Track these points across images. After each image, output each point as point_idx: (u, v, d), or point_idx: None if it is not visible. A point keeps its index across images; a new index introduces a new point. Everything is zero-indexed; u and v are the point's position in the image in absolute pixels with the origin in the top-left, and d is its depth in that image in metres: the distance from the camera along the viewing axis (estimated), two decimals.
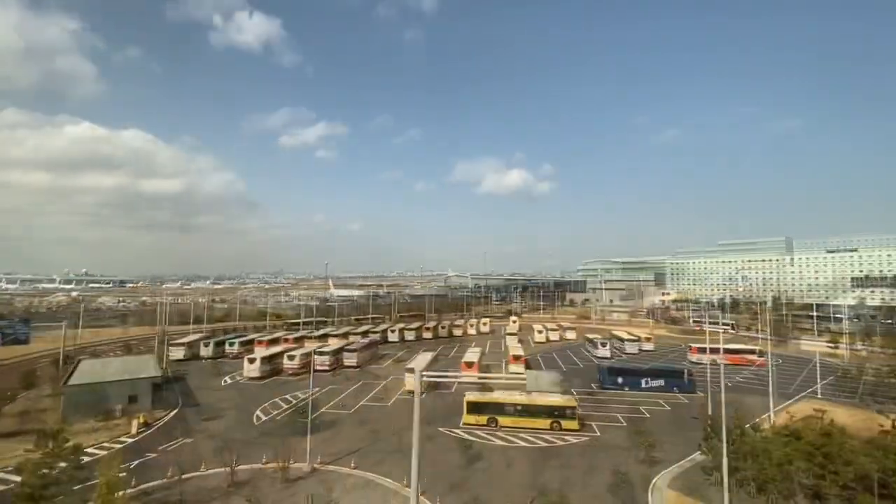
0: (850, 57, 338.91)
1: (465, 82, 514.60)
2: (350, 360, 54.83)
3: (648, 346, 70.97)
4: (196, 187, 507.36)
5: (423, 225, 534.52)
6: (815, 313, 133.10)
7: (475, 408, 34.43)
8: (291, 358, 51.15)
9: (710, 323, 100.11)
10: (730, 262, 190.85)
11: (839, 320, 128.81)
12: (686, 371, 45.43)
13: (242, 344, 61.54)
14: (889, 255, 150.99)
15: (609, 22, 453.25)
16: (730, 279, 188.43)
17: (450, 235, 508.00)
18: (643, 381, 45.62)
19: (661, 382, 45.47)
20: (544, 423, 33.41)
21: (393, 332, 77.66)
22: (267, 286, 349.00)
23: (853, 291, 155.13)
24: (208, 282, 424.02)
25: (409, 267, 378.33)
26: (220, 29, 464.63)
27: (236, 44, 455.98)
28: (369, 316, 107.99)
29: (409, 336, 79.01)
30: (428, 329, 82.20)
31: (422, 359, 49.06)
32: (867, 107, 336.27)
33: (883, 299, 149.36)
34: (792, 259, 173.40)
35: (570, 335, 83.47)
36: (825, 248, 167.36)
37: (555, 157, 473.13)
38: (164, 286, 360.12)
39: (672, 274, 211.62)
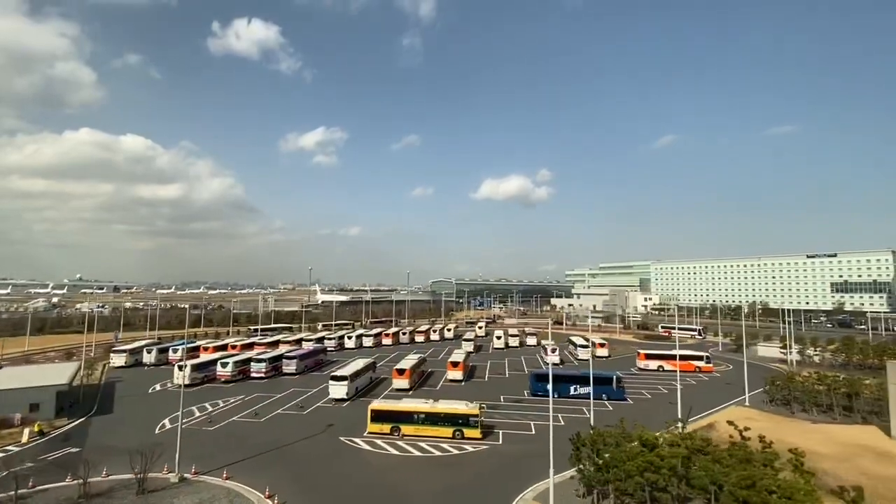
0: (845, 63, 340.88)
1: (463, 89, 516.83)
2: (289, 367, 54.25)
3: (602, 352, 70.59)
4: (195, 193, 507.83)
5: (420, 230, 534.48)
6: (789, 318, 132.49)
7: (379, 416, 33.90)
8: (224, 365, 50.54)
9: (679, 328, 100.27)
10: (714, 266, 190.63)
11: (816, 325, 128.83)
12: (615, 378, 44.89)
13: (187, 350, 60.87)
14: (868, 261, 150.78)
15: (606, 28, 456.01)
16: (713, 284, 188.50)
17: (447, 241, 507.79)
18: (572, 388, 45.13)
19: (589, 389, 44.73)
20: (447, 431, 32.91)
21: (350, 338, 77.10)
22: (263, 292, 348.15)
23: (832, 296, 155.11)
24: (202, 288, 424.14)
25: (404, 271, 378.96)
26: (219, 35, 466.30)
27: (235, 50, 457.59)
28: (335, 322, 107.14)
29: (368, 342, 78.52)
30: (388, 335, 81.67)
31: (353, 365, 48.50)
32: (863, 111, 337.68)
33: (862, 304, 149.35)
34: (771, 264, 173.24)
35: (531, 341, 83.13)
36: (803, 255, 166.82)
37: (553, 163, 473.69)
38: (157, 291, 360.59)
39: (656, 279, 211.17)
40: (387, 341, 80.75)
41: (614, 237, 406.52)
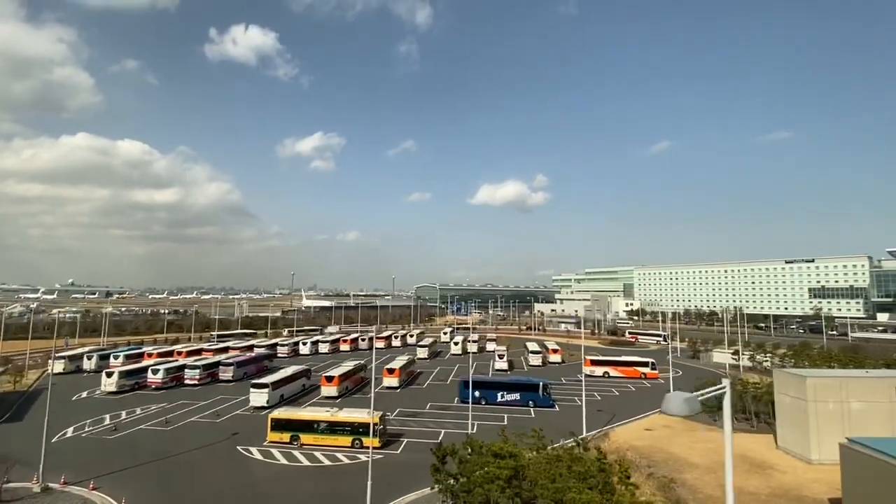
0: (840, 70, 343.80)
1: (459, 95, 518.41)
2: (226, 374, 53.66)
3: (556, 358, 70.29)
4: (192, 198, 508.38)
5: (418, 235, 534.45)
6: (764, 323, 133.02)
7: (279, 425, 33.38)
8: (155, 372, 49.95)
9: (645, 334, 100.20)
10: (695, 272, 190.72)
11: (791, 330, 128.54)
12: (541, 385, 44.45)
13: (129, 357, 60.27)
14: (845, 266, 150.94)
15: (600, 35, 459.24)
16: (695, 289, 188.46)
17: (446, 246, 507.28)
18: (499, 395, 44.73)
19: (516, 396, 44.56)
20: (346, 440, 32.43)
21: (304, 344, 76.53)
22: (257, 297, 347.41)
23: (810, 302, 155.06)
24: (195, 293, 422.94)
25: (402, 276, 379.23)
26: (217, 41, 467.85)
27: (232, 56, 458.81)
28: (298, 329, 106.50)
29: (324, 349, 77.96)
30: (346, 341, 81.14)
31: (281, 372, 48.02)
32: (849, 118, 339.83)
33: (839, 309, 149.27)
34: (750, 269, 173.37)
35: (491, 346, 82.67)
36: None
37: (549, 168, 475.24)
38: (150, 297, 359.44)
39: (639, 284, 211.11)
40: (344, 347, 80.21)
41: (612, 242, 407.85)
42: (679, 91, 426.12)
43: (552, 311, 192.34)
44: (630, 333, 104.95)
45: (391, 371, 51.36)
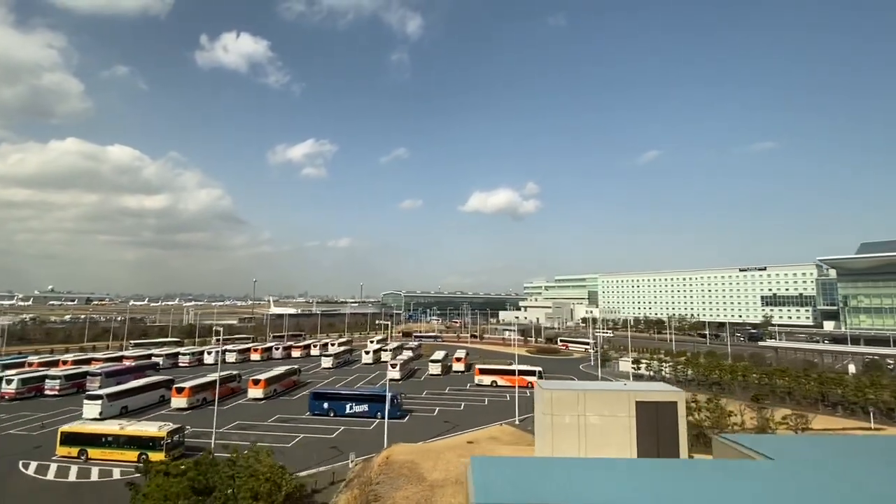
0: (828, 81, 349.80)
1: (451, 103, 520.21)
2: (92, 384, 52.12)
3: (459, 367, 69.54)
4: (182, 204, 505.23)
5: (410, 242, 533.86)
6: (703, 332, 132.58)
7: (68, 439, 32.24)
8: (9, 382, 48.57)
9: (575, 341, 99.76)
10: (655, 279, 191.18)
11: (736, 338, 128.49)
12: (391, 397, 43.49)
13: (7, 367, 58.72)
14: (795, 275, 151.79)
15: (590, 46, 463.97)
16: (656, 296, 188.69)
17: (437, 253, 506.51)
18: (347, 407, 43.84)
19: (365, 408, 43.73)
20: (132, 455, 31.33)
21: (209, 353, 75.17)
22: (239, 304, 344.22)
23: (762, 309, 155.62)
24: (177, 300, 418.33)
25: (391, 283, 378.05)
26: (207, 48, 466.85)
27: (223, 63, 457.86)
28: (232, 337, 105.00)
29: (231, 358, 76.62)
30: (257, 350, 79.89)
31: (133, 383, 46.81)
32: (847, 124, 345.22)
33: (790, 317, 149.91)
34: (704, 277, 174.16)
35: (410, 354, 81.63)
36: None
37: (540, 176, 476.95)
38: (131, 303, 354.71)
39: (602, 291, 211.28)
40: (255, 356, 78.94)
41: (600, 250, 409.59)
42: (666, 100, 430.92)
43: (515, 318, 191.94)
44: (562, 341, 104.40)
45: (256, 382, 50.32)
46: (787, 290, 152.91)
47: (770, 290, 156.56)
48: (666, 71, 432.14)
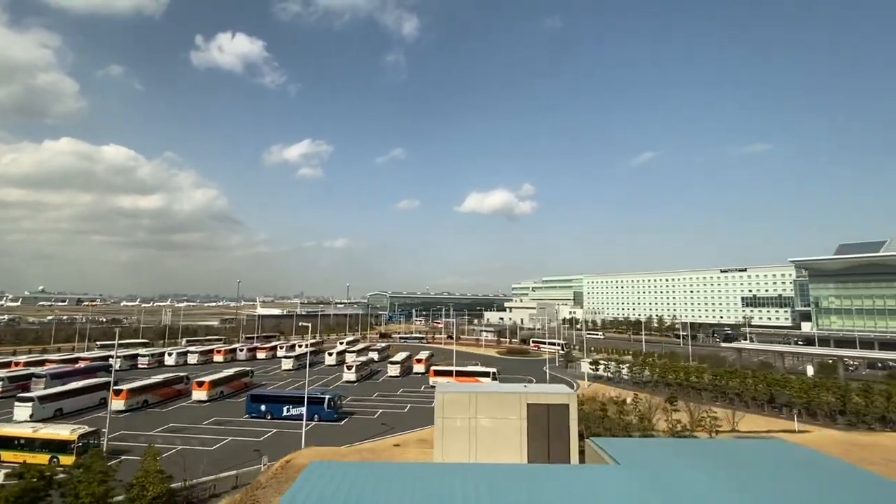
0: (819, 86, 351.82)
1: (447, 104, 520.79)
2: (37, 387, 51.51)
3: (419, 368, 69.25)
4: (178, 204, 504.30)
5: (407, 242, 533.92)
6: (680, 333, 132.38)
7: None
8: None
9: (547, 343, 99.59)
10: (639, 280, 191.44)
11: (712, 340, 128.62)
12: (327, 399, 43.24)
13: None
14: (774, 276, 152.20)
15: (584, 48, 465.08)
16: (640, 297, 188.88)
17: (435, 253, 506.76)
18: (284, 409, 43.46)
19: (302, 410, 43.13)
20: (44, 458, 30.81)
21: (170, 355, 74.56)
22: (232, 305, 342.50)
23: (743, 311, 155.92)
24: (169, 300, 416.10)
25: (388, 284, 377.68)
26: (203, 49, 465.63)
27: (219, 63, 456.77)
28: (202, 338, 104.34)
29: (193, 360, 76.05)
30: (220, 352, 79.33)
31: (71, 384, 46.31)
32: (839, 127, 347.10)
33: (769, 319, 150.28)
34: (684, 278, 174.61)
35: (374, 356, 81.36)
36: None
37: (536, 177, 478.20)
38: (122, 304, 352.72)
39: (588, 292, 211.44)
40: (218, 358, 78.37)
41: (595, 250, 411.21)
42: (662, 101, 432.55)
43: (500, 319, 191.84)
44: (534, 342, 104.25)
45: (200, 384, 49.86)
46: (766, 291, 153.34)
47: (750, 291, 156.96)
48: (661, 72, 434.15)
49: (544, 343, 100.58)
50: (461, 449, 23.45)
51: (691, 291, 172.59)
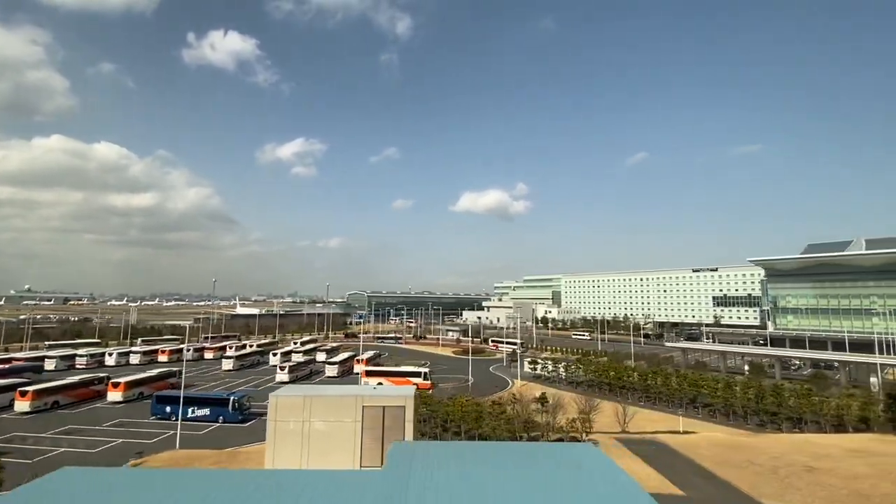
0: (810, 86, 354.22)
1: (441, 104, 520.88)
2: None
3: (360, 369, 68.43)
4: (171, 202, 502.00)
5: (401, 241, 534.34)
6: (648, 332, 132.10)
7: None
8: None
9: (505, 342, 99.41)
10: (614, 279, 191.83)
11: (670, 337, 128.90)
12: (232, 400, 42.67)
13: None
14: (744, 275, 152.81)
15: (578, 49, 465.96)
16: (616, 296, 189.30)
17: (429, 252, 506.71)
18: (189, 411, 42.78)
19: (206, 411, 42.79)
20: None
21: (110, 355, 73.66)
22: (222, 304, 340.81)
23: (714, 310, 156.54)
24: (157, 300, 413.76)
25: (382, 284, 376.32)
26: (195, 46, 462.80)
27: (211, 62, 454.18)
28: (155, 338, 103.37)
29: (135, 360, 75.18)
30: (165, 352, 78.44)
31: None
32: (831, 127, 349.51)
33: (739, 318, 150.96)
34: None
35: (321, 356, 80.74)
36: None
37: (530, 176, 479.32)
38: (108, 304, 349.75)
39: (565, 291, 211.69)
40: (163, 358, 77.48)
41: (587, 249, 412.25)
42: (656, 101, 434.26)
43: (477, 318, 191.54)
44: (492, 341, 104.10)
45: (116, 385, 49.16)
46: (736, 290, 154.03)
47: (721, 290, 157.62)
48: (656, 72, 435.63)
49: (502, 342, 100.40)
50: (293, 453, 22.96)
51: (664, 291, 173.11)
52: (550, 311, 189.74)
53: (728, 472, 25.54)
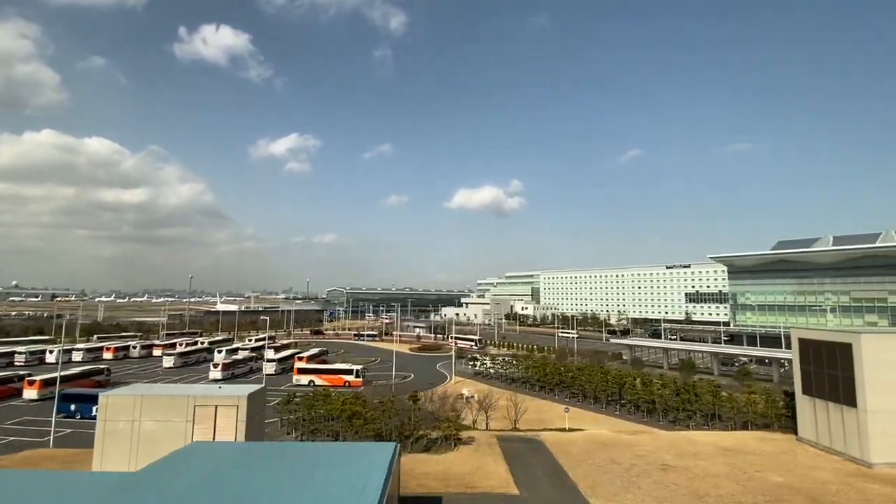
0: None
1: (433, 100, 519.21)
2: None
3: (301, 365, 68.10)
4: (163, 198, 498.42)
5: (396, 238, 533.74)
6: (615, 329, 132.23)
7: None
8: None
9: (462, 338, 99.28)
10: (591, 276, 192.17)
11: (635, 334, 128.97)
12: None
13: None
14: (715, 272, 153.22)
15: (573, 47, 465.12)
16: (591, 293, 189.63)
17: (425, 249, 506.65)
18: (94, 409, 42.12)
19: None
20: None
21: (51, 352, 72.88)
22: (211, 300, 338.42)
23: (686, 306, 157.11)
24: (145, 297, 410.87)
25: (380, 280, 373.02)
26: (187, 41, 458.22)
27: (204, 56, 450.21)
28: (112, 335, 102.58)
29: (77, 357, 74.48)
30: (110, 349, 77.73)
31: None
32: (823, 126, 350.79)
33: (710, 314, 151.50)
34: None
35: (270, 353, 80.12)
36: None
37: (523, 173, 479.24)
38: (96, 300, 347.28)
39: (544, 288, 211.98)
40: (107, 355, 76.78)
41: (580, 246, 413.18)
42: (647, 100, 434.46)
43: (455, 315, 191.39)
44: (453, 338, 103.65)
45: (31, 383, 48.58)
46: (707, 287, 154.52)
47: (693, 287, 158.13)
48: (649, 71, 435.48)
49: (461, 338, 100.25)
50: (122, 454, 22.54)
51: (639, 287, 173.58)
52: (527, 308, 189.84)
53: (581, 471, 25.28)
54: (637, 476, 24.81)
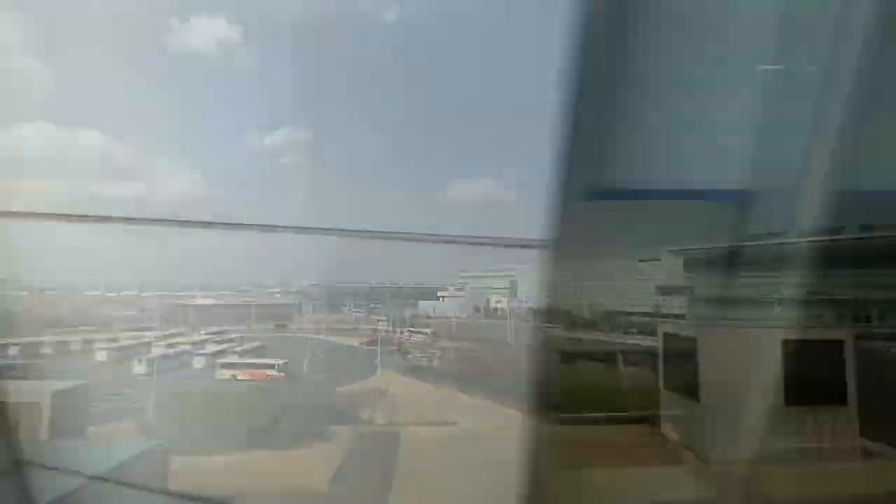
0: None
1: (429, 96, 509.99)
2: None
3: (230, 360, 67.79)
4: (157, 191, 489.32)
5: (394, 232, 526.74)
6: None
7: None
8: None
9: (417, 332, 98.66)
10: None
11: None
12: None
13: None
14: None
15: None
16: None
17: (419, 243, 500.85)
18: None
19: None
20: None
21: None
22: (197, 294, 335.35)
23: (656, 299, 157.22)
24: (135, 290, 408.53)
25: (363, 274, 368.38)
26: (177, 31, 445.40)
27: (193, 47, 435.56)
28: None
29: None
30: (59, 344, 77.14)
31: None
32: None
33: (681, 308, 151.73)
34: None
35: (212, 347, 79.77)
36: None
37: (522, 164, 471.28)
38: (84, 293, 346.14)
39: (521, 280, 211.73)
40: (47, 350, 76.20)
41: None
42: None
43: (433, 308, 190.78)
44: (409, 331, 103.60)
45: None
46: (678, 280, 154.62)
47: (664, 280, 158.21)
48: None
49: (416, 332, 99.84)
50: None
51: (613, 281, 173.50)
52: (501, 301, 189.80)
53: None
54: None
